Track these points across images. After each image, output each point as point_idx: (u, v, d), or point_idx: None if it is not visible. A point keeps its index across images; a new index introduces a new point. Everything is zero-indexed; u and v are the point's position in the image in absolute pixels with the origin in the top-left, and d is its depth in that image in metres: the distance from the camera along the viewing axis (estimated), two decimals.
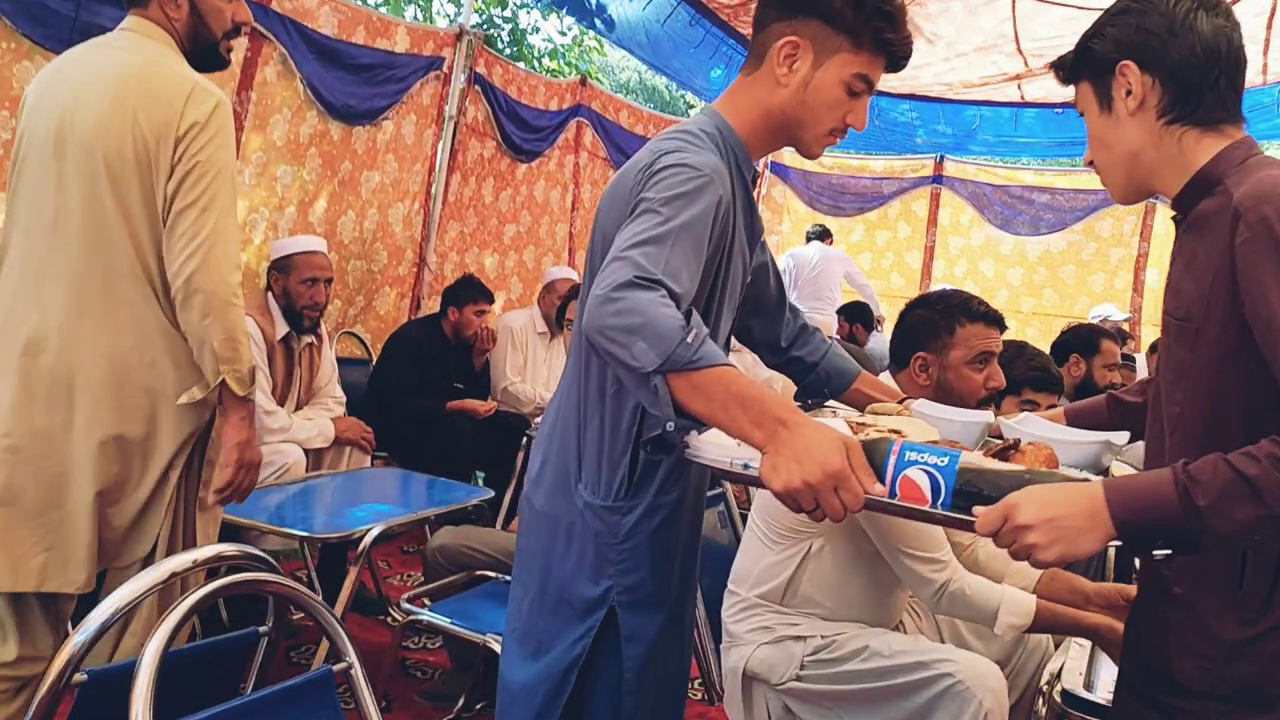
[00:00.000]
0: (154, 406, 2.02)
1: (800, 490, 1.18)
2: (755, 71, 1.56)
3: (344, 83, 4.33)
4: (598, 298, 1.25)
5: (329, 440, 3.60)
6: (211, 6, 2.08)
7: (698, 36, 6.68)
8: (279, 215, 4.24)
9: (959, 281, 8.20)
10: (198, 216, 1.95)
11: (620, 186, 1.49)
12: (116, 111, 1.93)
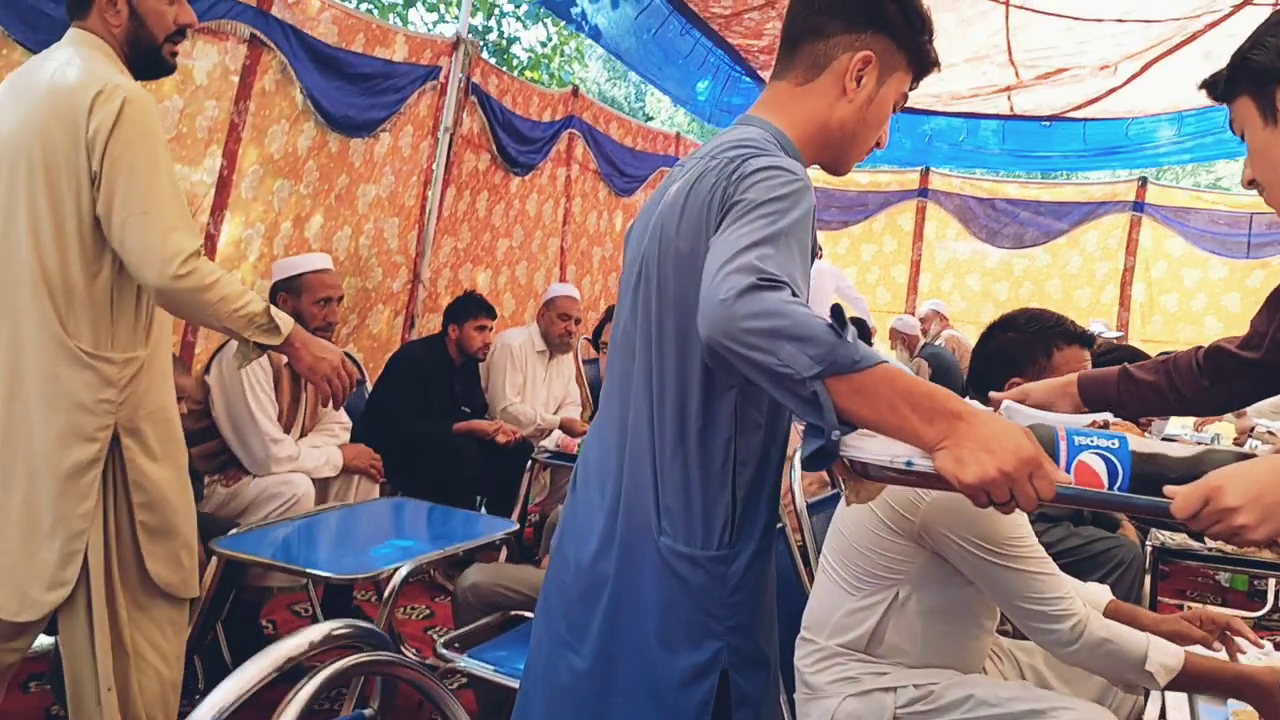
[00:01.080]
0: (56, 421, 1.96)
1: (996, 480, 1.10)
2: (811, 82, 1.48)
3: (343, 92, 4.16)
4: (722, 302, 1.14)
5: (337, 469, 3.42)
6: (151, 9, 2.04)
7: (687, 47, 6.59)
8: (274, 231, 4.04)
9: (945, 296, 8.17)
10: (135, 221, 1.92)
11: (693, 197, 1.37)
12: (29, 120, 1.92)
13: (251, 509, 3.16)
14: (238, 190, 3.79)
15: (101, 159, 1.91)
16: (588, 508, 1.50)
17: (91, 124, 1.89)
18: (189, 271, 1.93)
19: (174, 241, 1.93)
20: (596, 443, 1.53)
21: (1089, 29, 6.06)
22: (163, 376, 2.15)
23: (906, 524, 1.88)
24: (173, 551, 2.13)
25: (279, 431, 3.23)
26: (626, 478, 1.43)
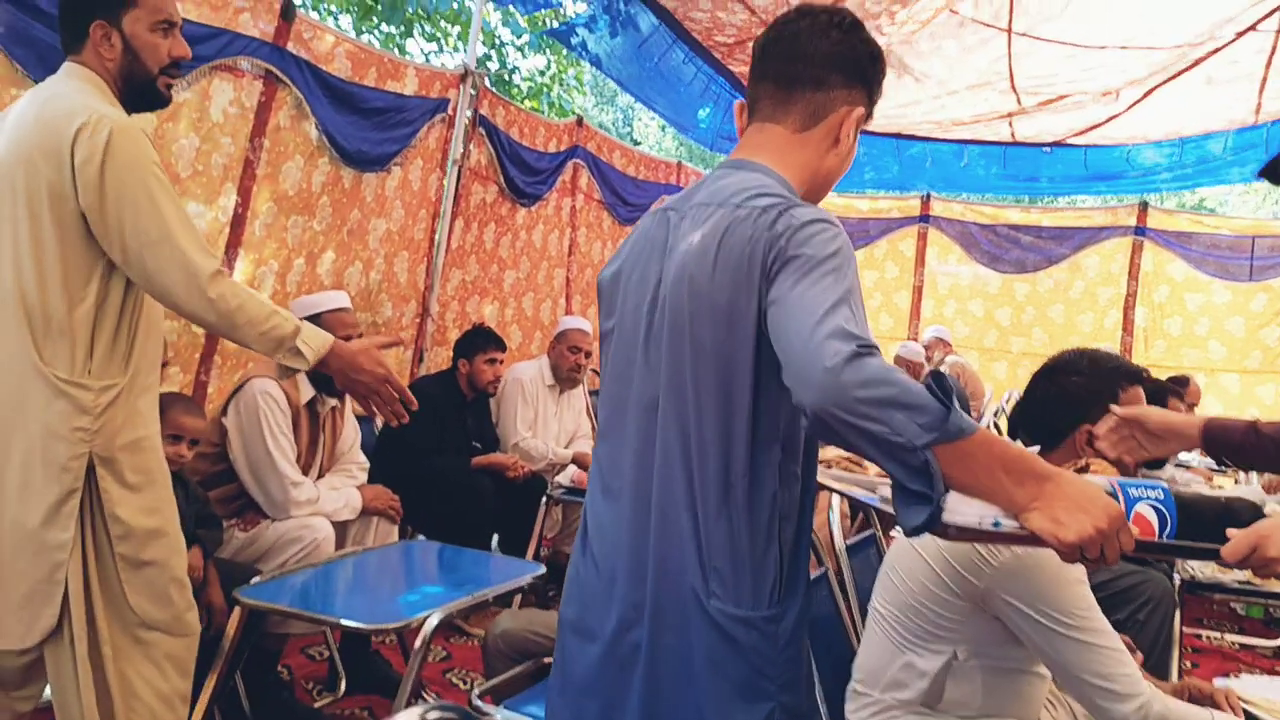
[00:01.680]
0: (30, 451, 1.93)
1: (1093, 538, 1.16)
2: (808, 131, 1.50)
3: (357, 127, 4.12)
4: (829, 371, 1.15)
5: (356, 511, 3.36)
6: (145, 43, 2.05)
7: (689, 75, 6.59)
8: (288, 268, 3.99)
9: (948, 322, 8.16)
10: (150, 251, 1.93)
11: (726, 249, 1.36)
12: (15, 151, 1.93)
13: (271, 554, 3.09)
14: (251, 228, 3.75)
15: (98, 194, 1.90)
16: (604, 576, 1.46)
17: (78, 156, 1.89)
18: (218, 295, 1.95)
19: (194, 264, 1.94)
20: (606, 508, 1.48)
21: (1092, 56, 6.09)
22: (144, 407, 2.10)
23: (969, 587, 1.83)
24: (158, 587, 2.07)
25: (298, 474, 3.17)
26: (657, 543, 1.40)
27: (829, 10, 1.51)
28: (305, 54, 3.78)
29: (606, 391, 1.51)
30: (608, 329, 1.54)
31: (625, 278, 1.50)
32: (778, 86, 1.50)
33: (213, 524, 2.92)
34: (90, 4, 2.03)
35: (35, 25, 2.77)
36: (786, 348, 1.23)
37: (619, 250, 1.56)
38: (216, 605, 2.79)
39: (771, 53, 1.51)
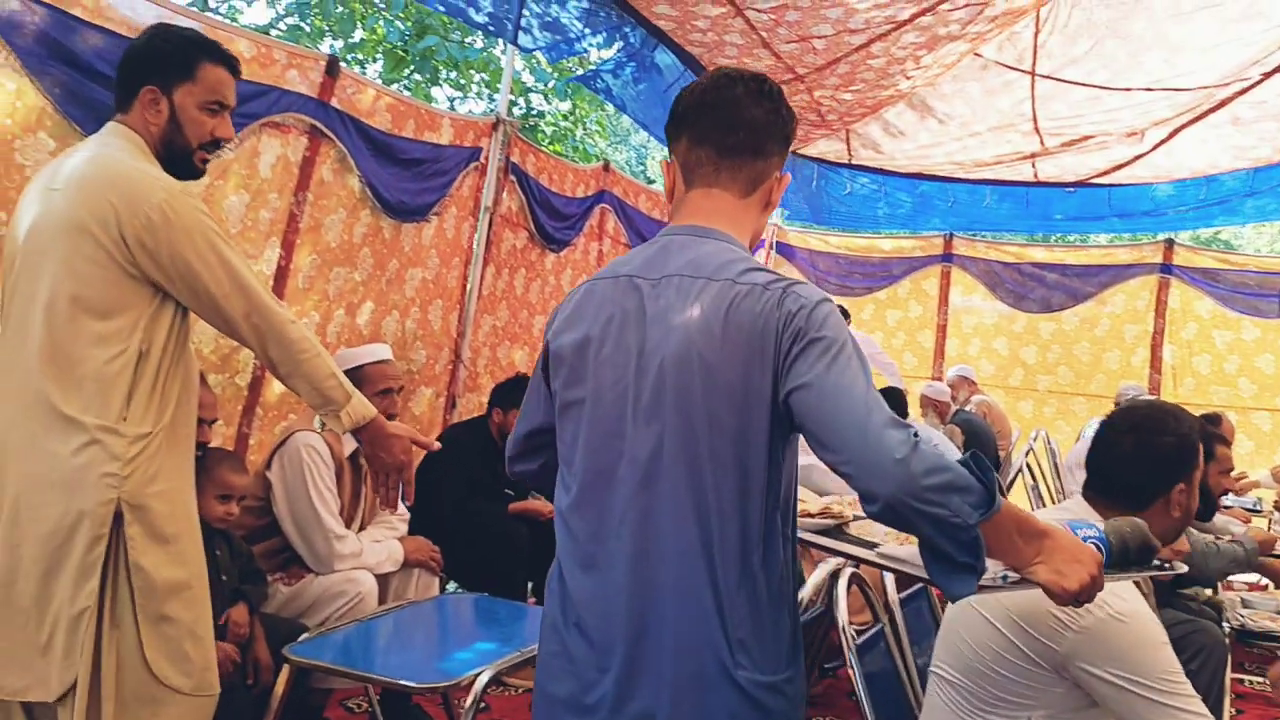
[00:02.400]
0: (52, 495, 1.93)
1: (1089, 585, 1.35)
2: (750, 196, 1.56)
3: (398, 178, 4.17)
4: (899, 463, 1.24)
5: (399, 564, 3.35)
6: (191, 117, 2.09)
7: None
8: (328, 320, 4.02)
9: (972, 361, 8.13)
10: (226, 307, 2.01)
11: (733, 326, 1.39)
12: (58, 211, 1.96)
13: (315, 608, 3.09)
14: (294, 281, 3.78)
15: (162, 256, 1.96)
16: (599, 648, 1.43)
17: (128, 217, 1.93)
18: (298, 337, 2.08)
19: (291, 331, 2.07)
20: (590, 580, 1.45)
21: (1117, 98, 6.11)
22: (179, 458, 2.09)
23: (1048, 653, 1.81)
24: (176, 644, 2.03)
25: (342, 527, 3.17)
26: (674, 616, 1.39)
27: (755, 77, 1.55)
28: (348, 108, 3.83)
29: (583, 462, 1.47)
30: (574, 398, 1.50)
31: (595, 346, 1.48)
32: (718, 153, 1.53)
33: (258, 579, 2.93)
34: (147, 69, 2.08)
35: (91, 86, 2.82)
36: (842, 438, 1.30)
37: (571, 316, 1.53)
38: (263, 662, 2.78)
39: (709, 118, 1.53)
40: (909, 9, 5.07)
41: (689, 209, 1.55)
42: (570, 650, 1.46)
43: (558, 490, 1.53)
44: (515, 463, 1.72)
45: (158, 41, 2.10)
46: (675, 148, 1.59)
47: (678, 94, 1.62)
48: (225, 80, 2.14)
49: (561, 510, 1.51)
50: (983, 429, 6.87)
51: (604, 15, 5.03)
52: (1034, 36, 5.88)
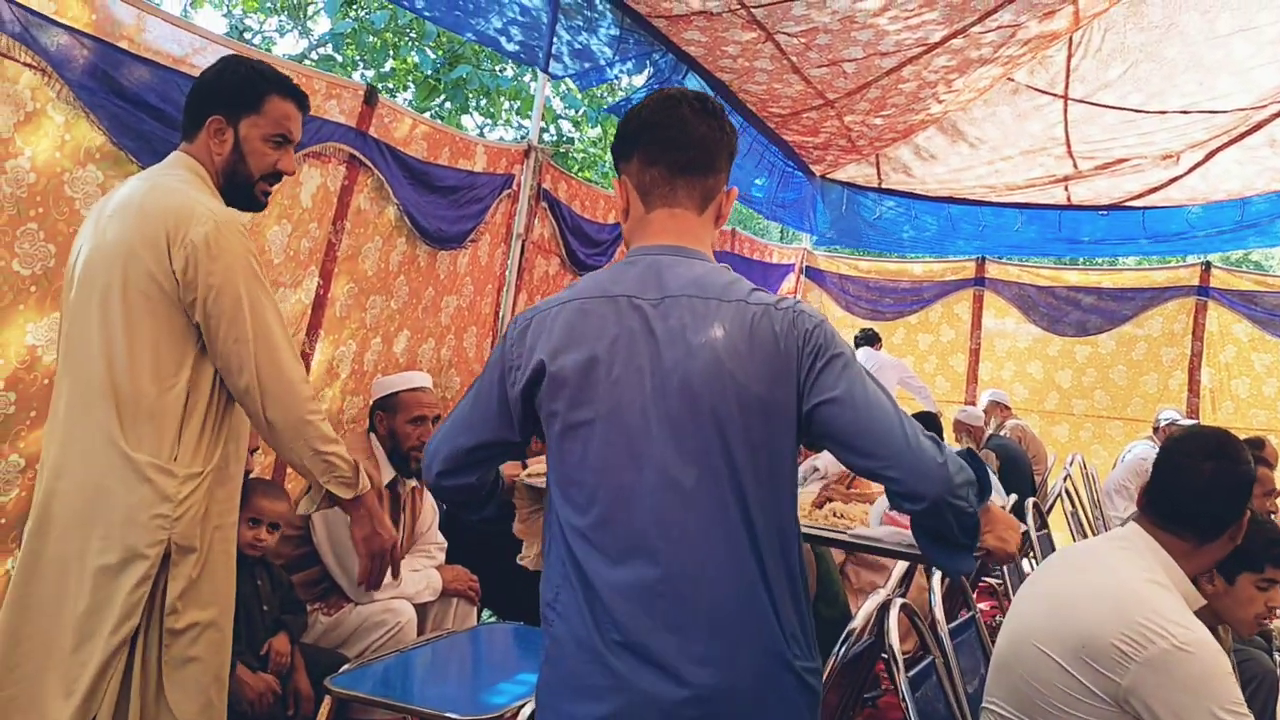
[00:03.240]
0: (110, 536, 1.92)
1: (1020, 544, 1.59)
2: (705, 212, 1.63)
3: (435, 206, 4.19)
4: (941, 466, 1.43)
5: (437, 593, 3.33)
6: (255, 148, 2.11)
7: (744, 145, 6.66)
8: (365, 348, 4.03)
9: (1006, 385, 8.05)
10: (238, 350, 1.98)
11: (758, 346, 1.48)
12: (115, 240, 1.97)
13: (355, 638, 3.07)
14: (332, 309, 3.79)
15: (198, 288, 1.95)
16: (655, 660, 1.44)
17: (177, 248, 1.94)
18: (309, 411, 2.05)
19: (301, 390, 2.05)
20: (633, 597, 1.45)
21: (1151, 121, 6.08)
22: (225, 496, 2.09)
23: (1111, 686, 1.77)
24: (200, 685, 2.00)
25: None
26: (737, 620, 1.44)
27: (698, 96, 1.63)
28: (385, 137, 3.85)
29: (599, 479, 1.49)
30: (581, 419, 1.50)
31: (604, 367, 1.50)
32: (671, 171, 1.60)
33: (298, 609, 2.91)
34: (215, 99, 2.10)
35: (140, 117, 2.84)
36: (885, 446, 1.43)
37: (568, 336, 1.52)
38: (304, 692, 2.77)
39: (659, 138, 1.59)
40: (941, 31, 5.06)
41: (656, 228, 1.60)
42: (614, 667, 1.45)
43: (562, 509, 1.53)
44: (449, 477, 1.68)
45: (227, 73, 2.12)
46: (626, 168, 1.64)
47: (624, 116, 1.66)
48: (291, 114, 2.16)
49: (579, 528, 1.50)
50: (1018, 454, 6.78)
51: (633, 42, 5.05)
52: (1066, 61, 5.88)
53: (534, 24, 4.39)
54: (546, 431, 1.56)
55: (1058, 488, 6.17)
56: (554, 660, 1.51)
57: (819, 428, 1.48)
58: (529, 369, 1.54)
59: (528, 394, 1.56)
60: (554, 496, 1.54)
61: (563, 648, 1.50)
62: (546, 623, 1.54)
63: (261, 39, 12.06)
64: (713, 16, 4.89)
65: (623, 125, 1.65)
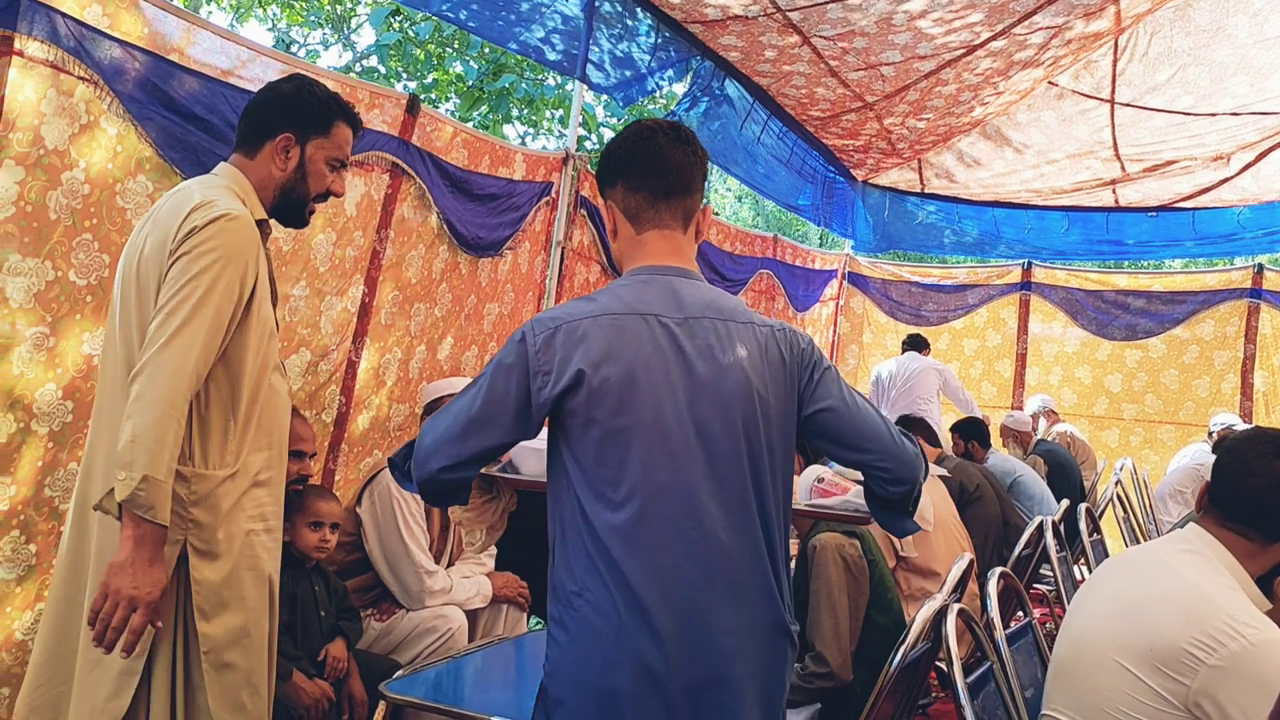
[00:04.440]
0: None
1: None
2: (688, 231, 1.81)
3: (474, 214, 4.21)
4: (917, 456, 1.81)
5: (488, 599, 3.33)
6: (317, 169, 2.15)
7: (785, 151, 6.63)
8: (410, 355, 4.05)
9: (1054, 390, 7.94)
10: (161, 322, 1.86)
11: (772, 365, 1.72)
12: (138, 243, 2.00)
13: (407, 644, 3.07)
14: (377, 317, 3.81)
15: (173, 259, 1.91)
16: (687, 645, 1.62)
17: (181, 229, 1.92)
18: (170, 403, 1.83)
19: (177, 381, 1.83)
20: (666, 584, 1.62)
21: (1201, 123, 5.99)
22: (257, 499, 2.04)
23: (1180, 690, 1.72)
24: (234, 691, 1.98)
25: (432, 563, 3.16)
26: (755, 597, 1.67)
27: (672, 125, 1.81)
28: (426, 145, 3.88)
29: (639, 479, 1.62)
30: (621, 425, 1.63)
31: (643, 380, 1.63)
32: (654, 195, 1.76)
33: (353, 615, 2.92)
34: (288, 117, 2.12)
35: (188, 129, 2.88)
36: (876, 443, 1.76)
37: (607, 350, 1.63)
38: (358, 697, 2.77)
39: (640, 167, 1.77)
40: (983, 33, 5.01)
41: (653, 249, 1.77)
42: (647, 647, 1.59)
43: (592, 506, 1.63)
44: (452, 471, 1.71)
45: (305, 93, 2.14)
46: (611, 194, 1.81)
47: (605, 148, 1.84)
48: (350, 140, 2.22)
49: (614, 524, 1.61)
50: (1066, 459, 6.68)
51: (673, 50, 5.05)
52: (1112, 65, 5.84)
53: (575, 33, 4.40)
54: (575, 434, 1.65)
55: (1109, 493, 6.07)
56: (582, 642, 1.62)
57: (818, 429, 1.77)
58: (565, 377, 1.63)
59: (559, 399, 1.64)
60: (581, 496, 1.64)
61: (593, 632, 1.61)
62: (572, 609, 1.63)
63: (306, 52, 12.23)
64: (748, 21, 4.87)
65: (605, 155, 1.81)
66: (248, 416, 2.02)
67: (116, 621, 1.79)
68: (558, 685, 1.65)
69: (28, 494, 2.61)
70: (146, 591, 1.80)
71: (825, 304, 8.70)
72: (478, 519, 2.73)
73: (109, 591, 1.79)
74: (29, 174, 2.54)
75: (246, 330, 1.99)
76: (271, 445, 2.09)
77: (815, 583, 2.62)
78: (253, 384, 2.02)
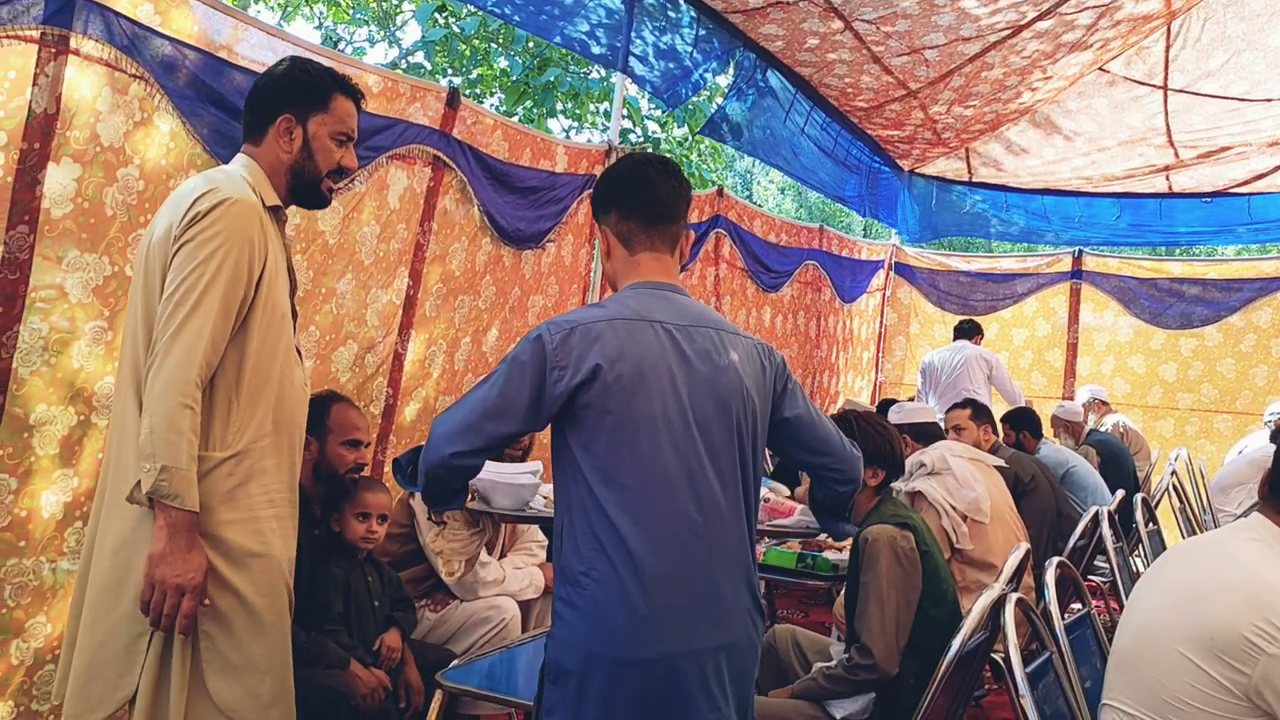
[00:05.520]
0: (134, 520, 1.90)
1: None
2: (674, 255, 2.00)
3: (514, 206, 4.22)
4: (858, 458, 2.15)
5: (540, 590, 3.34)
6: (322, 146, 2.13)
7: (829, 141, 6.57)
8: (455, 347, 4.07)
9: (1106, 380, 7.79)
10: (170, 312, 1.87)
11: (757, 375, 1.96)
12: (150, 232, 2.00)
13: (460, 634, 3.09)
14: (422, 309, 3.84)
15: (176, 246, 1.90)
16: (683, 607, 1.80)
17: (185, 217, 1.91)
18: (183, 393, 1.84)
19: (186, 372, 1.85)
20: (668, 561, 1.79)
21: (1257, 108, 5.86)
22: (264, 485, 2.00)
23: (1240, 678, 1.67)
24: (244, 679, 1.94)
25: (485, 554, 3.17)
26: (736, 575, 1.86)
27: (660, 158, 2.04)
28: (467, 138, 3.89)
29: (644, 466, 1.80)
30: (633, 416, 1.80)
31: (651, 377, 1.82)
32: (646, 222, 1.96)
33: (407, 605, 2.95)
34: (284, 98, 2.10)
35: (235, 126, 2.91)
36: (832, 448, 2.09)
37: (621, 349, 1.81)
38: (414, 685, 2.80)
39: (631, 197, 1.96)
40: (1029, 12, 4.92)
41: (648, 269, 1.95)
42: (654, 620, 1.75)
43: (603, 492, 1.78)
44: (464, 458, 1.84)
45: (296, 72, 2.12)
46: (605, 219, 2.00)
47: (599, 178, 2.07)
48: (353, 113, 2.18)
49: (623, 505, 1.77)
50: (1119, 449, 6.56)
51: (716, 42, 5.03)
52: (1165, 51, 5.78)
53: (618, 26, 4.40)
54: (588, 425, 1.80)
55: (1164, 483, 5.95)
56: (591, 617, 1.76)
57: (784, 433, 2.03)
58: (582, 371, 1.79)
59: (574, 391, 1.79)
60: (591, 482, 1.79)
61: (600, 607, 1.76)
62: (580, 588, 1.77)
63: (352, 49, 12.36)
64: (789, 7, 4.83)
65: (600, 185, 2.03)
66: (253, 399, 1.98)
67: (168, 609, 1.83)
68: (567, 659, 1.78)
69: (89, 485, 2.65)
70: (190, 577, 1.84)
71: (872, 295, 8.62)
72: (461, 550, 2.83)
73: (154, 583, 1.82)
74: (86, 170, 2.59)
75: (253, 313, 1.98)
76: (281, 429, 2.05)
77: (866, 574, 2.59)
78: (260, 367, 1.99)
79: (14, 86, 2.45)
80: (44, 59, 2.48)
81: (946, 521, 3.50)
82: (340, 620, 2.72)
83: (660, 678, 1.75)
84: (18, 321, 2.50)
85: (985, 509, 3.65)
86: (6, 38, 2.41)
